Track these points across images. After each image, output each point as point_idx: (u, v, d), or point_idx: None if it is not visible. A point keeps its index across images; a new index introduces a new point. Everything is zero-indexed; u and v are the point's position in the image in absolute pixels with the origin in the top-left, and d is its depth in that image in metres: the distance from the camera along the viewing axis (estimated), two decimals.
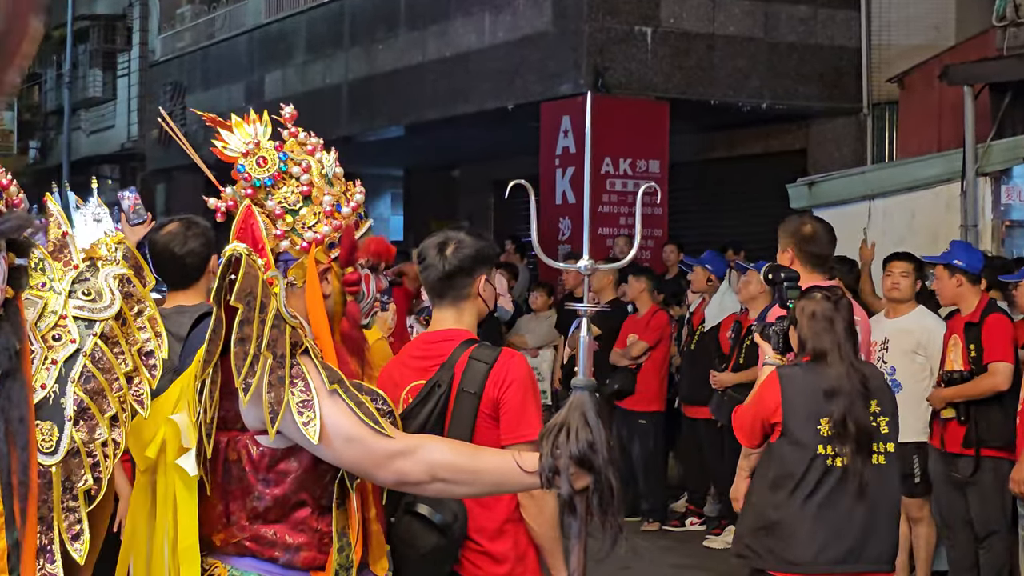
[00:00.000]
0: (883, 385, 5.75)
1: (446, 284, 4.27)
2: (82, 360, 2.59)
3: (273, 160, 3.10)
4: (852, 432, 5.41)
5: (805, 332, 5.61)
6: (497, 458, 3.03)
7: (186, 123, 25.41)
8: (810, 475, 5.47)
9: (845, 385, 5.46)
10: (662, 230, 15.79)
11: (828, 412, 5.45)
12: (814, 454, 5.46)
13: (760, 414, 5.67)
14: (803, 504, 5.47)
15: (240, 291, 2.89)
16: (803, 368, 5.61)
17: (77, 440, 2.56)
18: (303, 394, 2.90)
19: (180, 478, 3.04)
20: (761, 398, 5.70)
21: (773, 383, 5.63)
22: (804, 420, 5.50)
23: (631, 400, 11.55)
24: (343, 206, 3.12)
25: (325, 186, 3.11)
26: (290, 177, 3.09)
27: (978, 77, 12.87)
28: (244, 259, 2.91)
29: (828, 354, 5.52)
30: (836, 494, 5.46)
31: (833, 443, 5.44)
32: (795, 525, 5.49)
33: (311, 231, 3.08)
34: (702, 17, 16.01)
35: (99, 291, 2.66)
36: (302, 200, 3.09)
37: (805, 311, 5.63)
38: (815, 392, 5.50)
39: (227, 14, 24.74)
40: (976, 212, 11.85)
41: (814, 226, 6.52)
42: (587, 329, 3.09)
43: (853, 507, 5.45)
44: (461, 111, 17.50)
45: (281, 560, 3.07)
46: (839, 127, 16.84)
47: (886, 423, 5.58)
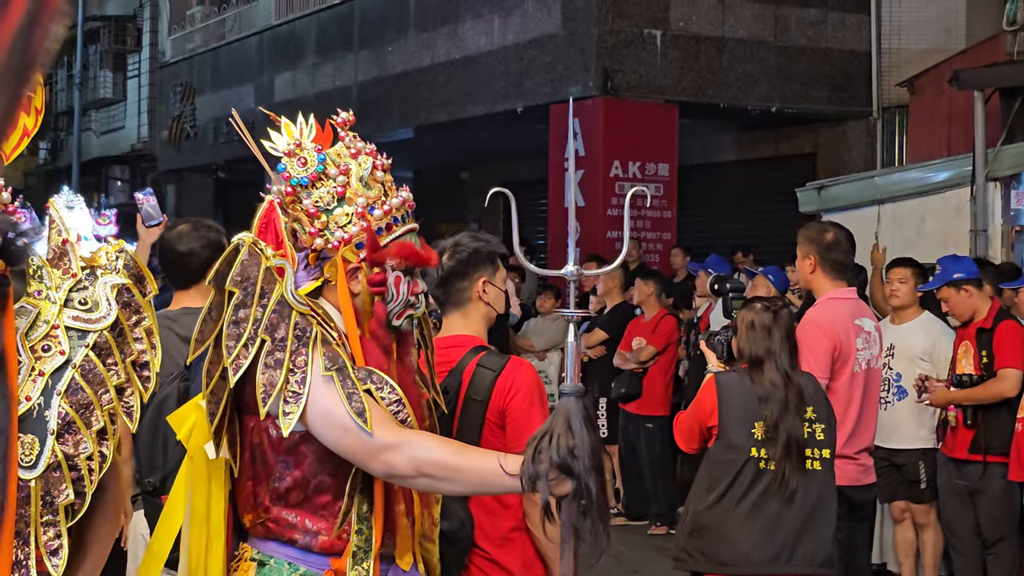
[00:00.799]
0: (819, 393, 5.82)
1: (444, 288, 4.28)
2: (70, 372, 2.55)
3: (312, 161, 3.18)
4: (783, 438, 5.53)
5: (743, 341, 5.75)
6: (482, 458, 3.06)
7: (196, 124, 25.47)
8: (742, 477, 5.60)
9: (778, 392, 5.59)
10: (671, 233, 15.78)
11: (762, 416, 5.58)
12: (747, 457, 5.59)
13: (698, 418, 5.83)
14: (735, 506, 5.60)
15: (236, 276, 3.02)
16: (740, 374, 5.75)
17: (59, 454, 2.52)
18: (297, 386, 2.98)
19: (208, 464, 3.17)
20: (699, 402, 5.85)
21: (710, 388, 5.77)
22: (738, 424, 5.63)
23: (637, 404, 11.55)
24: (376, 208, 3.18)
25: (361, 188, 3.19)
26: (327, 178, 3.18)
27: (988, 82, 12.84)
28: (246, 246, 3.04)
29: (764, 362, 5.65)
30: (766, 497, 5.58)
31: (766, 447, 5.57)
32: (726, 526, 5.62)
33: (341, 231, 3.16)
34: (712, 20, 16.00)
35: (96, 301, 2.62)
36: (336, 201, 3.17)
37: (745, 320, 5.77)
38: (750, 397, 5.63)
39: (237, 15, 24.76)
40: (986, 217, 11.82)
41: (836, 233, 6.59)
42: (575, 335, 3.10)
43: (783, 510, 5.56)
44: (470, 113, 17.51)
45: (300, 543, 3.14)
46: (849, 131, 16.82)
47: (822, 430, 5.67)
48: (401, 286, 3.22)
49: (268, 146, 3.25)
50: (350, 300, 3.18)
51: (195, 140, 25.51)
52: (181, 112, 26.13)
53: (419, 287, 3.27)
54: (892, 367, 8.54)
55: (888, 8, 16.15)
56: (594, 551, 2.96)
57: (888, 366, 8.51)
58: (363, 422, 2.97)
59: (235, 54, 24.30)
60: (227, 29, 25.10)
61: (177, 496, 3.26)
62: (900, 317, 8.68)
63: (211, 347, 3.06)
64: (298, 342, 3.00)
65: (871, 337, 6.56)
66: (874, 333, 6.60)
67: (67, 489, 2.52)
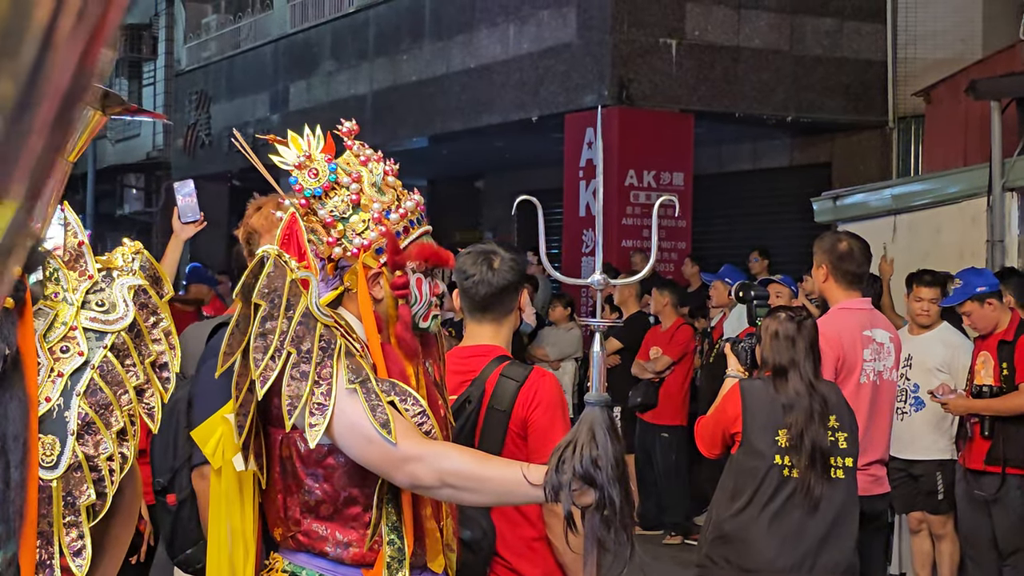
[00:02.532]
0: (842, 402, 5.83)
1: (495, 299, 4.26)
2: (89, 373, 2.56)
3: (324, 171, 3.19)
4: (807, 447, 5.57)
5: (767, 350, 5.78)
6: (506, 469, 3.05)
7: (211, 132, 25.53)
8: (766, 485, 5.63)
9: (803, 401, 5.63)
10: (686, 243, 15.77)
11: (786, 424, 5.62)
12: (771, 464, 5.63)
13: (721, 424, 5.85)
14: (759, 513, 5.62)
15: (263, 288, 3.02)
16: (764, 382, 5.79)
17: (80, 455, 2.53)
18: (323, 398, 2.99)
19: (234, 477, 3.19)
20: (722, 408, 5.88)
21: (735, 394, 5.81)
22: (762, 431, 5.67)
23: (653, 414, 11.54)
24: (392, 212, 3.19)
25: (375, 194, 3.20)
26: (340, 187, 3.19)
27: (1005, 91, 12.80)
28: (272, 259, 3.04)
29: (788, 371, 5.69)
30: (790, 505, 5.61)
31: (790, 454, 5.60)
32: (750, 533, 5.64)
33: (359, 237, 3.18)
34: (727, 29, 16.00)
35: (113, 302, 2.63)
36: (351, 208, 3.19)
37: (769, 330, 5.80)
38: (774, 404, 5.67)
39: (252, 24, 24.81)
40: (1003, 227, 11.77)
41: (850, 244, 6.58)
42: (600, 344, 3.08)
43: (807, 518, 5.59)
44: (485, 122, 17.53)
45: (331, 555, 3.15)
46: (864, 140, 16.80)
47: (844, 439, 5.69)
48: (423, 287, 3.24)
49: (277, 160, 3.25)
50: (371, 307, 3.19)
51: (210, 148, 25.57)
52: (196, 120, 26.19)
53: (439, 288, 3.28)
54: (909, 378, 8.51)
55: (904, 17, 16.13)
56: (618, 562, 2.94)
57: (905, 377, 8.49)
58: (387, 433, 2.97)
59: (250, 62, 24.36)
60: (242, 37, 25.16)
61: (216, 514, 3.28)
62: (918, 328, 8.64)
63: (239, 360, 3.06)
64: (323, 354, 3.01)
65: (883, 348, 6.51)
66: (888, 344, 6.55)
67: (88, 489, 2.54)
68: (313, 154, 3.21)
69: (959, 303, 8.11)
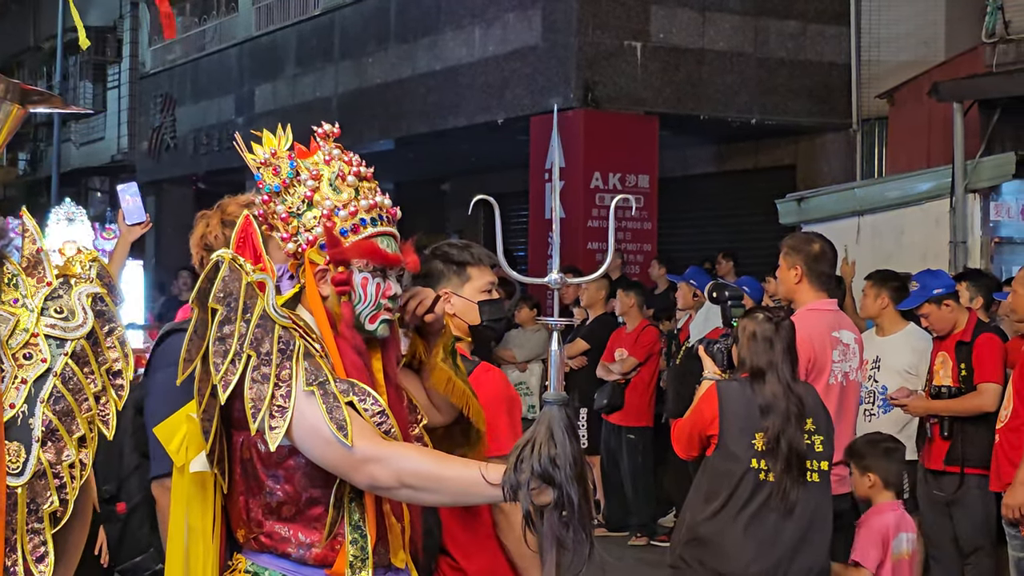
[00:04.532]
0: (819, 404, 5.80)
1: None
2: (52, 380, 2.56)
3: (284, 168, 3.22)
4: (784, 451, 5.53)
5: (744, 351, 5.73)
6: (464, 469, 3.06)
7: (176, 135, 25.44)
8: (742, 488, 5.59)
9: (780, 404, 5.58)
10: (651, 245, 15.80)
11: (763, 428, 5.57)
12: (747, 467, 5.59)
13: (697, 425, 5.79)
14: (734, 517, 5.59)
15: (218, 292, 3.03)
16: (741, 383, 5.73)
17: (44, 461, 2.53)
18: (283, 400, 3.00)
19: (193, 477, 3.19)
20: (699, 410, 5.82)
21: (711, 396, 5.75)
22: (739, 433, 5.62)
23: (620, 415, 11.56)
24: (341, 210, 3.20)
25: (330, 192, 3.21)
26: (298, 184, 3.21)
27: (967, 93, 12.90)
28: (226, 263, 3.05)
29: (766, 373, 5.64)
30: (766, 508, 5.57)
31: (767, 458, 5.56)
32: (725, 537, 5.61)
33: (308, 233, 3.20)
34: (692, 32, 16.04)
35: (72, 309, 2.63)
36: (306, 205, 3.20)
37: (746, 331, 5.75)
38: (751, 407, 5.62)
39: (218, 27, 24.74)
40: (965, 228, 11.87)
41: (822, 245, 6.60)
42: (558, 344, 3.08)
43: (782, 522, 5.57)
44: (451, 124, 17.53)
45: (294, 556, 3.15)
46: (829, 143, 16.87)
47: (821, 442, 5.67)
48: (369, 287, 3.21)
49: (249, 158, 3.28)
50: (320, 302, 3.20)
51: (175, 151, 25.47)
52: (161, 123, 26.08)
53: (392, 290, 3.26)
54: (878, 380, 8.55)
55: (868, 20, 16.20)
56: (577, 561, 2.95)
57: (873, 379, 8.52)
58: (343, 436, 2.98)
59: (215, 65, 24.28)
60: (207, 40, 25.07)
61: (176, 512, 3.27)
62: (885, 330, 8.68)
63: (199, 365, 3.06)
64: (282, 356, 3.02)
65: (849, 349, 6.52)
66: (853, 345, 6.57)
67: (51, 496, 2.54)
68: (279, 152, 3.24)
69: (917, 306, 8.16)
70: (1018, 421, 7.15)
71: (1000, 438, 7.42)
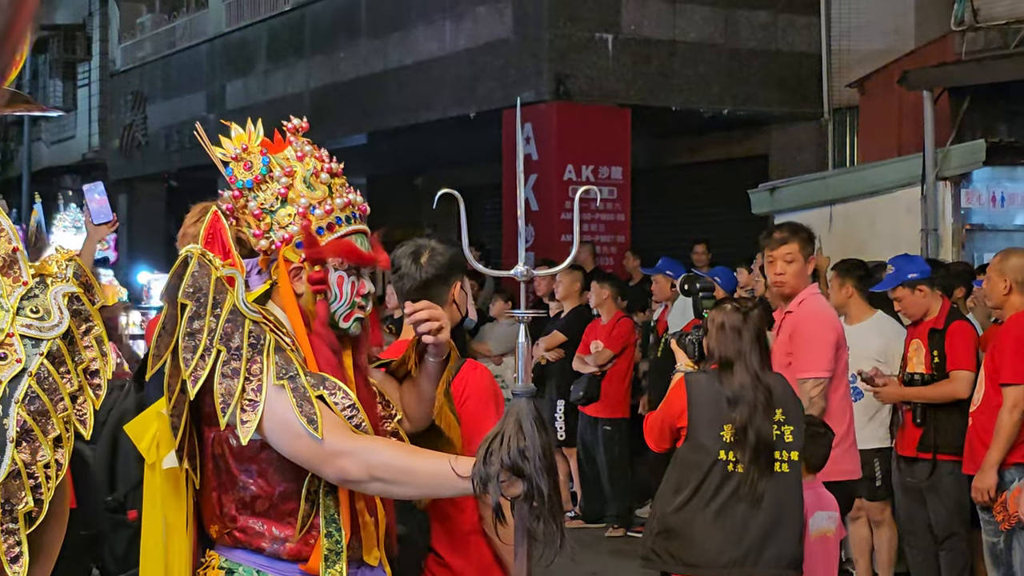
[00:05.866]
0: (789, 394, 5.80)
1: (421, 293, 4.22)
2: (27, 380, 2.55)
3: (257, 164, 3.22)
4: (752, 441, 5.54)
5: (713, 341, 5.75)
6: (434, 461, 3.08)
7: (147, 132, 25.36)
8: (710, 479, 5.61)
9: (748, 394, 5.59)
10: (625, 236, 15.83)
11: (731, 419, 5.58)
12: (715, 459, 5.60)
13: (667, 418, 5.83)
14: (703, 508, 5.62)
15: (187, 288, 3.03)
16: (710, 375, 5.75)
17: (19, 462, 2.53)
18: (254, 394, 3.01)
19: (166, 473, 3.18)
20: (669, 402, 5.86)
21: (680, 388, 5.78)
22: (707, 425, 5.64)
23: (596, 407, 11.57)
24: (317, 208, 3.21)
25: (304, 189, 3.22)
26: (271, 180, 3.21)
27: (937, 81, 12.95)
28: (195, 258, 3.05)
29: (734, 363, 5.65)
30: (734, 499, 5.59)
31: (734, 449, 5.58)
32: (694, 528, 5.64)
33: (283, 231, 3.20)
34: (663, 23, 16.07)
35: (47, 309, 2.62)
36: (279, 202, 3.21)
37: (715, 321, 5.75)
38: (719, 398, 5.63)
39: (188, 23, 24.67)
40: (936, 216, 11.92)
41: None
42: (526, 335, 3.09)
43: (750, 513, 5.58)
44: (423, 119, 17.52)
45: (268, 551, 3.16)
46: (800, 132, 16.92)
47: (791, 432, 5.66)
48: (344, 286, 3.23)
49: (219, 152, 3.27)
50: (295, 300, 3.21)
51: (146, 148, 25.39)
52: (132, 121, 26.00)
53: (366, 288, 3.28)
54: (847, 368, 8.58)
55: (838, 10, 16.25)
56: (549, 551, 2.96)
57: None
58: (314, 429, 2.99)
59: (186, 62, 24.21)
60: (178, 37, 25.00)
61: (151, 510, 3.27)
62: (852, 318, 8.71)
63: (168, 361, 3.06)
64: (252, 350, 3.03)
65: None
66: None
67: (26, 497, 2.53)
68: (250, 147, 3.24)
69: (891, 288, 8.20)
70: (990, 405, 7.22)
71: (973, 421, 7.48)
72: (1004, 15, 13.44)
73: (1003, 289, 7.28)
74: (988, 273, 7.55)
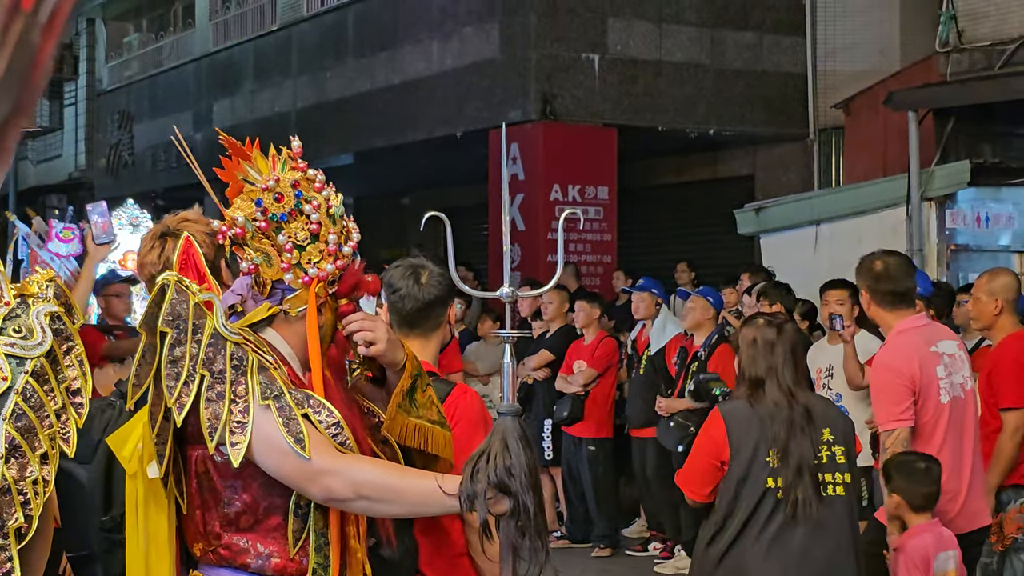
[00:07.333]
0: (835, 413, 5.53)
1: (423, 314, 4.23)
2: (13, 398, 2.57)
3: (290, 198, 3.21)
4: (794, 461, 5.21)
5: (744, 359, 5.43)
6: (420, 480, 3.10)
7: (134, 151, 25.35)
8: (761, 508, 5.26)
9: (782, 412, 5.27)
10: (611, 256, 15.85)
11: (771, 441, 5.25)
12: (764, 488, 5.26)
13: (709, 455, 5.42)
14: (755, 540, 5.26)
15: (167, 316, 3.03)
16: (744, 400, 5.41)
17: (8, 478, 2.54)
18: (241, 415, 3.01)
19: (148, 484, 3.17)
20: (703, 440, 5.50)
21: (716, 420, 5.43)
22: (750, 453, 5.28)
23: (580, 427, 11.56)
24: (344, 245, 3.25)
25: (331, 225, 3.24)
26: (302, 215, 3.21)
27: (922, 102, 13.01)
28: (172, 285, 3.05)
29: (765, 381, 5.33)
30: (787, 529, 5.24)
31: (781, 474, 5.24)
32: (747, 562, 5.28)
33: (315, 267, 3.21)
34: (649, 44, 16.11)
35: (30, 328, 2.64)
36: (310, 237, 3.22)
37: (746, 338, 5.44)
38: (758, 422, 5.30)
39: (175, 43, 24.69)
40: (921, 236, 11.96)
41: (884, 262, 6.15)
42: (511, 355, 3.13)
43: (806, 541, 5.23)
44: (410, 138, 17.54)
45: (253, 567, 3.15)
46: (786, 153, 16.97)
47: (842, 452, 5.34)
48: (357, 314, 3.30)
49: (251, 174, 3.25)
50: (317, 332, 3.22)
51: (133, 168, 25.37)
52: (119, 140, 25.99)
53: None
54: (831, 388, 8.58)
55: (823, 30, 16.32)
56: (533, 569, 2.98)
57: (827, 387, 8.56)
58: (301, 448, 3.00)
59: (173, 81, 24.22)
60: (164, 56, 25.02)
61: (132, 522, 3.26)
62: (835, 337, 8.72)
63: (151, 389, 3.06)
64: (236, 372, 3.03)
65: (955, 359, 6.10)
66: (958, 353, 6.16)
67: (16, 512, 2.55)
68: (281, 178, 3.22)
69: None
70: (987, 429, 6.95)
71: None
72: (989, 36, 13.51)
73: (993, 310, 7.11)
74: (975, 294, 7.40)
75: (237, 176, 3.26)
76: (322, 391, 3.17)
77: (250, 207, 3.21)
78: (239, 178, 3.25)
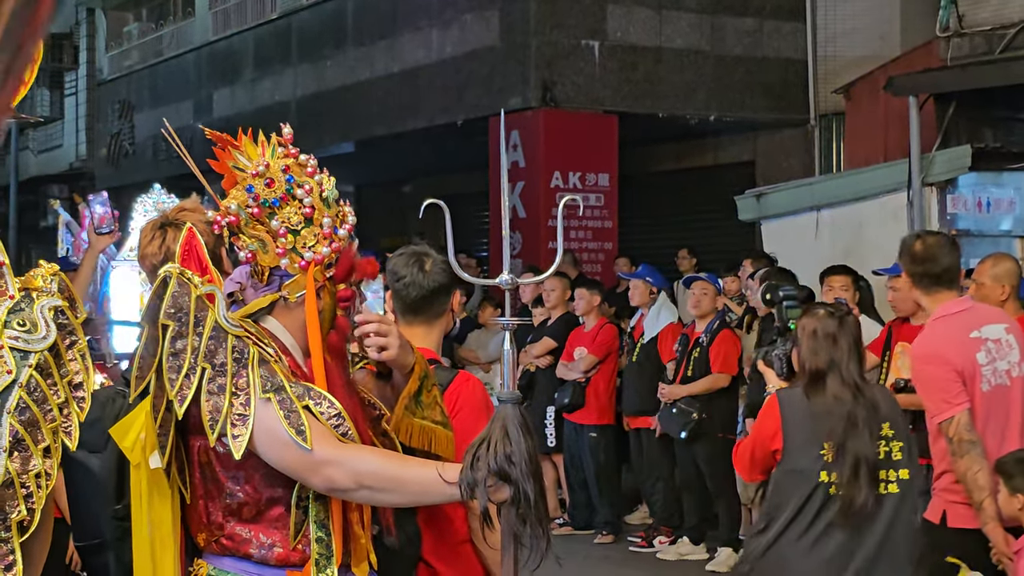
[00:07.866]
0: (895, 408, 5.39)
1: (427, 301, 4.25)
2: (17, 391, 2.58)
3: (281, 182, 3.21)
4: (850, 459, 5.08)
5: (805, 352, 5.29)
6: (421, 468, 3.10)
7: (134, 141, 25.34)
8: (811, 504, 5.16)
9: (843, 407, 5.14)
10: (612, 243, 15.84)
11: (826, 435, 5.13)
12: (816, 482, 5.15)
13: (759, 442, 5.36)
14: (798, 539, 5.17)
15: (168, 308, 3.03)
16: (803, 390, 5.30)
17: (11, 471, 2.55)
18: (243, 408, 3.02)
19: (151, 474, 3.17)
20: (760, 424, 5.40)
21: (772, 407, 5.33)
22: (804, 445, 5.18)
23: (581, 414, 11.57)
24: (339, 228, 3.25)
25: (324, 208, 3.24)
26: (294, 199, 3.21)
27: (922, 87, 12.99)
28: (174, 278, 3.05)
29: (827, 374, 5.21)
30: (836, 525, 5.14)
31: (836, 469, 5.11)
32: (792, 556, 5.19)
33: (311, 251, 3.21)
34: (649, 30, 16.09)
35: (34, 322, 2.64)
36: (304, 221, 3.21)
37: (806, 329, 5.31)
38: (815, 415, 5.19)
39: (175, 32, 24.66)
40: (922, 221, 11.94)
41: (925, 242, 5.88)
42: (511, 343, 3.13)
43: (853, 538, 5.14)
44: (411, 126, 17.53)
45: (256, 557, 3.16)
46: (786, 138, 16.95)
47: (899, 448, 5.23)
48: (357, 300, 3.29)
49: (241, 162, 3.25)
50: (317, 317, 3.22)
51: (134, 157, 25.36)
52: (119, 130, 25.98)
53: (365, 299, 3.33)
54: None
55: (823, 16, 16.29)
56: (534, 556, 2.99)
57: None
58: (302, 440, 3.01)
59: (173, 70, 24.20)
60: (164, 45, 24.99)
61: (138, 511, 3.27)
62: None
63: (153, 382, 3.06)
64: (237, 365, 3.04)
65: (1001, 344, 5.77)
66: (1005, 337, 5.80)
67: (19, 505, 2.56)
68: (271, 164, 3.23)
69: (896, 275, 8.07)
70: None
71: None
72: (989, 21, 13.49)
73: (1000, 295, 6.93)
74: (978, 279, 7.28)
75: (228, 165, 3.26)
76: (323, 376, 3.17)
77: (242, 195, 3.22)
78: (230, 166, 3.26)
